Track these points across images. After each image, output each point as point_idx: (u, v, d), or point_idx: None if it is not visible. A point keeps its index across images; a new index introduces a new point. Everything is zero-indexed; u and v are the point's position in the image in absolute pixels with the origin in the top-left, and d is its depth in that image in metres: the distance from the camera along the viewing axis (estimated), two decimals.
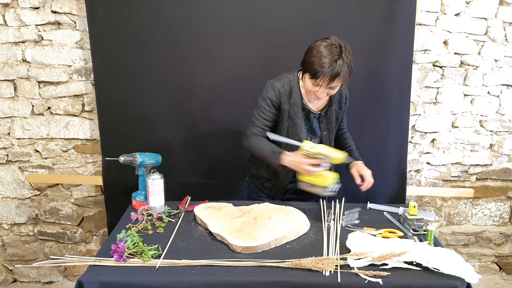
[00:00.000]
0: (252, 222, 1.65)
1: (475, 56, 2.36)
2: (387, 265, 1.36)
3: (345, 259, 1.40)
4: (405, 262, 1.37)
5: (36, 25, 2.24)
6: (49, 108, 2.37)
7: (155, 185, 1.77)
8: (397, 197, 2.36)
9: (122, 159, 1.86)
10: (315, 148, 1.62)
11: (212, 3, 2.10)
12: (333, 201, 1.92)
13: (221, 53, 2.17)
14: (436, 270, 1.33)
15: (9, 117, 2.38)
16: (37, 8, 2.22)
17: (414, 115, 2.43)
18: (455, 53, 2.36)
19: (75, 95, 2.35)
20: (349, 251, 1.45)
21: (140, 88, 2.21)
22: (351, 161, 1.82)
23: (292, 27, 2.13)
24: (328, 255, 1.45)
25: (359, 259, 1.38)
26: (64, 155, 2.44)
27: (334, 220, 1.75)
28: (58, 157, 2.44)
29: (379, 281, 1.29)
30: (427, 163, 2.53)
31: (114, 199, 2.33)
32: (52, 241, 2.60)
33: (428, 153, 2.51)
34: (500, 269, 2.76)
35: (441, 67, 2.38)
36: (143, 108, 2.23)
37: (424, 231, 1.66)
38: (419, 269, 1.35)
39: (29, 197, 2.52)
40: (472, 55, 2.36)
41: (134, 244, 1.46)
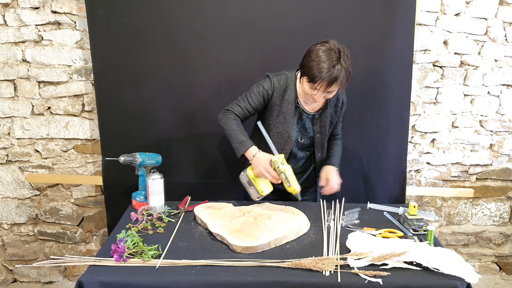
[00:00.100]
0: (252, 222, 1.65)
1: (475, 56, 2.36)
2: (387, 265, 1.36)
3: (345, 259, 1.40)
4: (405, 262, 1.37)
5: (36, 25, 2.24)
6: (49, 108, 2.37)
7: (155, 185, 1.78)
8: (397, 197, 2.36)
9: (122, 159, 1.86)
10: (283, 165, 1.68)
11: (212, 3, 2.10)
12: (333, 201, 1.92)
13: (221, 53, 2.17)
14: (436, 270, 1.33)
15: (9, 117, 2.38)
16: (37, 8, 2.22)
17: (414, 115, 2.43)
18: (455, 53, 2.36)
19: (75, 95, 2.35)
20: (349, 251, 1.45)
21: (140, 88, 2.21)
22: (300, 199, 1.78)
23: (292, 27, 2.14)
24: (328, 255, 1.45)
25: (359, 259, 1.39)
26: (64, 155, 2.44)
27: (334, 220, 1.75)
28: (58, 157, 2.44)
29: (379, 281, 1.29)
30: (427, 163, 2.53)
31: (114, 199, 2.32)
32: (52, 241, 2.60)
33: (428, 153, 2.51)
34: (500, 269, 2.76)
35: (441, 67, 2.38)
36: (143, 108, 2.23)
37: (424, 231, 1.66)
38: (419, 269, 1.36)
39: (29, 197, 2.52)
40: (472, 55, 2.36)
41: (134, 244, 1.46)
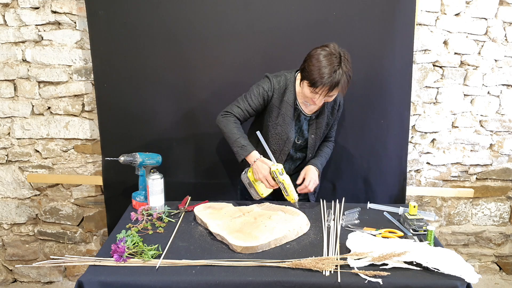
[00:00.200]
0: (252, 222, 1.65)
1: (475, 56, 2.36)
2: (387, 265, 1.36)
3: (345, 259, 1.40)
4: (405, 262, 1.37)
5: (36, 25, 2.24)
6: (49, 108, 2.36)
7: (155, 185, 1.78)
8: (397, 197, 2.36)
9: (122, 159, 1.86)
10: (282, 176, 1.70)
11: (212, 3, 2.10)
12: (333, 201, 1.92)
13: (221, 53, 2.17)
14: (436, 270, 1.33)
15: (9, 117, 2.38)
16: (37, 8, 2.22)
17: (414, 115, 2.43)
18: (455, 53, 2.36)
19: (75, 95, 2.35)
20: (349, 251, 1.45)
21: (140, 88, 2.21)
22: (298, 208, 1.79)
23: (292, 27, 2.13)
24: (328, 255, 1.45)
25: (359, 259, 1.39)
26: (64, 155, 2.44)
27: (334, 220, 1.75)
28: (58, 157, 2.44)
29: (379, 281, 1.29)
30: (427, 163, 2.53)
31: (114, 199, 2.32)
32: (52, 241, 2.60)
33: (428, 153, 2.51)
34: (500, 269, 2.76)
35: (441, 67, 2.38)
36: (143, 108, 2.23)
37: (424, 231, 1.66)
38: (419, 269, 1.36)
39: (29, 197, 2.52)
40: (472, 55, 2.36)
41: (134, 244, 1.46)
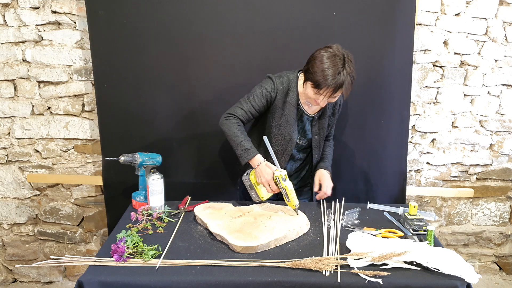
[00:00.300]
0: (252, 222, 1.65)
1: (475, 56, 2.36)
2: (387, 265, 1.36)
3: (345, 259, 1.40)
4: (405, 262, 1.37)
5: (36, 25, 2.24)
6: (49, 108, 2.36)
7: (155, 185, 1.78)
8: (397, 197, 2.36)
9: (122, 159, 1.86)
10: (285, 182, 1.69)
11: (212, 3, 2.10)
12: (333, 201, 1.92)
13: (221, 53, 2.17)
14: (436, 270, 1.33)
15: (9, 117, 2.38)
16: (37, 8, 2.22)
17: (414, 115, 2.43)
18: (455, 53, 2.36)
19: (75, 95, 2.35)
20: (349, 251, 1.45)
21: (140, 88, 2.21)
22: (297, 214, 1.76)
23: (292, 27, 2.13)
24: (328, 255, 1.45)
25: (359, 259, 1.39)
26: (64, 155, 2.44)
27: (334, 220, 1.75)
28: (58, 157, 2.44)
29: (379, 281, 1.29)
30: (427, 163, 2.53)
31: (114, 199, 2.32)
32: (52, 241, 2.60)
33: (428, 153, 2.51)
34: (500, 269, 2.76)
35: (441, 67, 2.38)
36: (143, 108, 2.23)
37: (424, 231, 1.66)
38: (419, 269, 1.36)
39: (29, 197, 2.52)
40: (472, 55, 2.36)
41: (134, 244, 1.46)
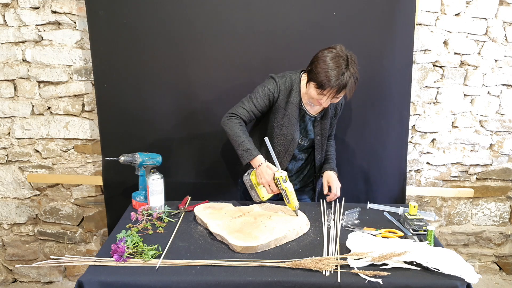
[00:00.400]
0: (252, 222, 1.65)
1: (475, 56, 2.36)
2: (387, 265, 1.36)
3: (345, 259, 1.40)
4: (405, 262, 1.37)
5: (36, 25, 2.24)
6: (49, 108, 2.36)
7: (155, 185, 1.78)
8: (397, 197, 2.36)
9: (122, 159, 1.86)
10: (286, 183, 1.69)
11: (212, 3, 2.10)
12: (333, 201, 1.92)
13: (221, 53, 2.17)
14: (436, 270, 1.33)
15: (9, 117, 2.38)
16: (37, 8, 2.22)
17: (414, 115, 2.43)
18: (455, 53, 2.36)
19: (75, 95, 2.35)
20: (349, 251, 1.45)
21: (140, 88, 2.21)
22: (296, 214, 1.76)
23: (292, 27, 2.13)
24: (328, 255, 1.45)
25: (359, 259, 1.39)
26: (64, 155, 2.44)
27: (334, 220, 1.75)
28: (58, 157, 2.44)
29: (379, 281, 1.29)
30: (427, 163, 2.53)
31: (114, 199, 2.32)
32: (52, 241, 2.60)
33: (428, 153, 2.51)
34: (500, 269, 2.76)
35: (441, 67, 2.38)
36: (143, 108, 2.23)
37: (424, 231, 1.67)
38: (419, 269, 1.36)
39: (29, 197, 2.52)
40: (472, 55, 2.36)
41: (134, 244, 1.46)
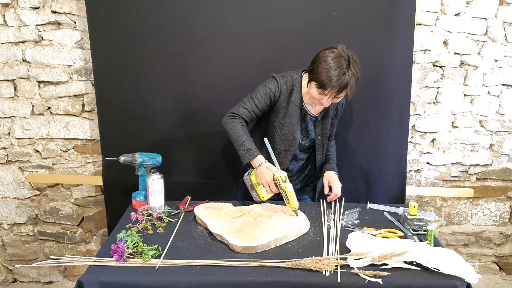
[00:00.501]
0: (252, 222, 1.65)
1: (475, 56, 2.36)
2: (387, 265, 1.36)
3: (345, 259, 1.40)
4: (405, 262, 1.37)
5: (36, 25, 2.24)
6: (49, 108, 2.36)
7: (155, 185, 1.78)
8: (397, 197, 2.36)
9: (122, 159, 1.86)
10: (285, 183, 1.69)
11: (212, 3, 2.10)
12: (333, 201, 1.92)
13: (221, 53, 2.17)
14: (436, 270, 1.33)
15: (9, 117, 2.38)
16: (37, 8, 2.22)
17: (414, 115, 2.43)
18: (455, 53, 2.36)
19: (75, 95, 2.35)
20: (349, 251, 1.45)
21: (140, 88, 2.21)
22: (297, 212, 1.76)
23: (292, 28, 2.13)
24: (328, 255, 1.45)
25: (359, 259, 1.39)
26: (64, 155, 2.44)
27: (334, 220, 1.75)
28: (58, 157, 2.44)
29: (379, 281, 1.29)
30: (427, 163, 2.53)
31: (114, 199, 2.32)
32: (52, 241, 2.60)
33: (428, 153, 2.51)
34: (500, 269, 2.76)
35: (441, 67, 2.38)
36: (143, 108, 2.23)
37: (424, 231, 1.66)
38: (419, 269, 1.36)
39: (29, 197, 2.52)
40: (472, 55, 2.36)
41: (134, 244, 1.46)
